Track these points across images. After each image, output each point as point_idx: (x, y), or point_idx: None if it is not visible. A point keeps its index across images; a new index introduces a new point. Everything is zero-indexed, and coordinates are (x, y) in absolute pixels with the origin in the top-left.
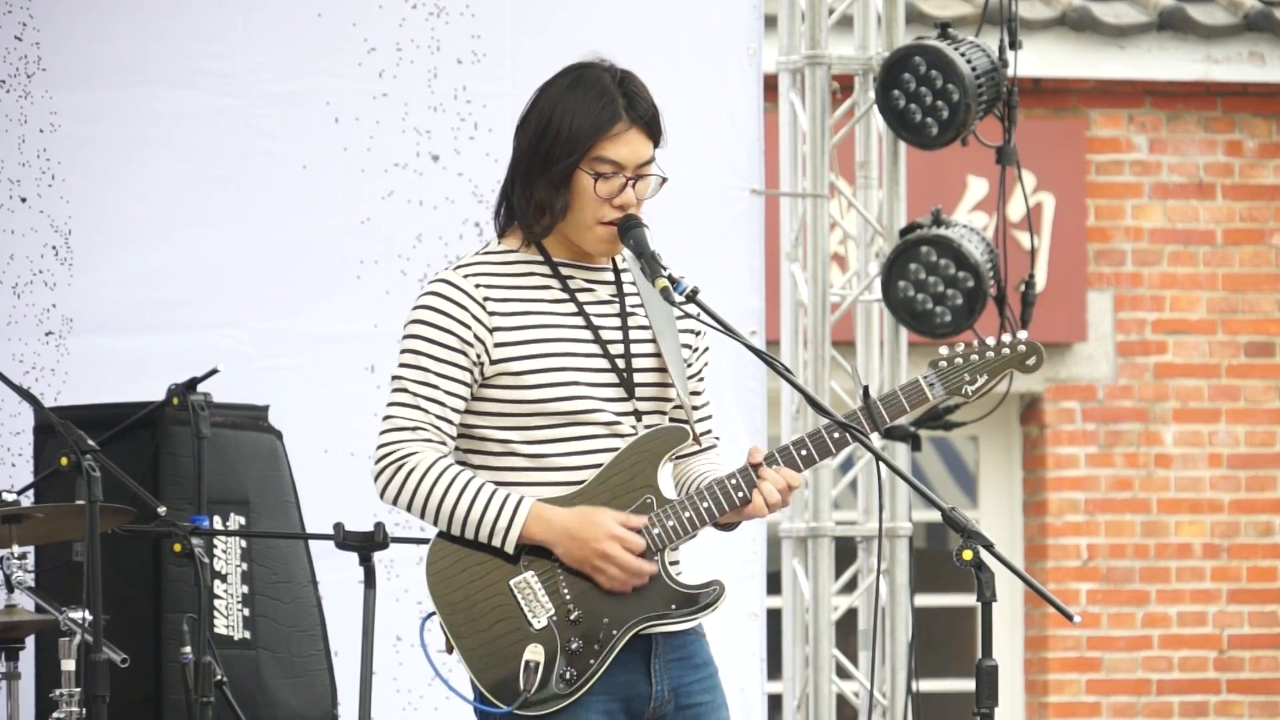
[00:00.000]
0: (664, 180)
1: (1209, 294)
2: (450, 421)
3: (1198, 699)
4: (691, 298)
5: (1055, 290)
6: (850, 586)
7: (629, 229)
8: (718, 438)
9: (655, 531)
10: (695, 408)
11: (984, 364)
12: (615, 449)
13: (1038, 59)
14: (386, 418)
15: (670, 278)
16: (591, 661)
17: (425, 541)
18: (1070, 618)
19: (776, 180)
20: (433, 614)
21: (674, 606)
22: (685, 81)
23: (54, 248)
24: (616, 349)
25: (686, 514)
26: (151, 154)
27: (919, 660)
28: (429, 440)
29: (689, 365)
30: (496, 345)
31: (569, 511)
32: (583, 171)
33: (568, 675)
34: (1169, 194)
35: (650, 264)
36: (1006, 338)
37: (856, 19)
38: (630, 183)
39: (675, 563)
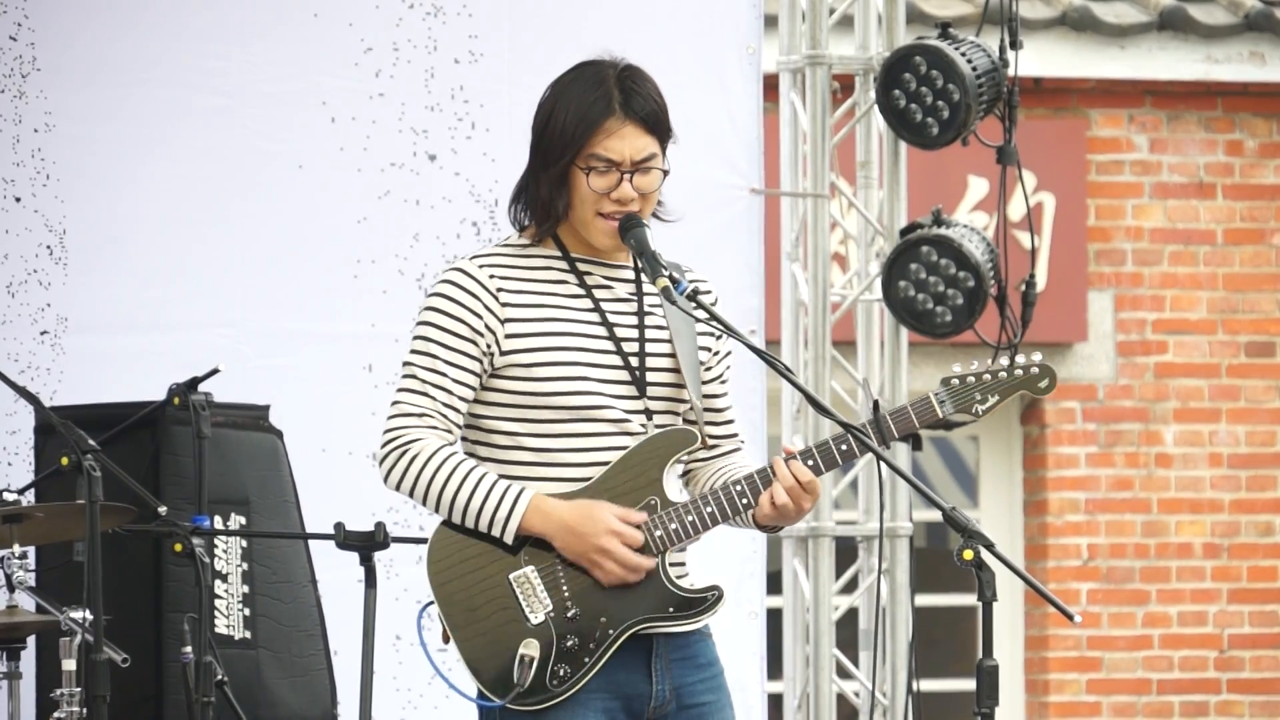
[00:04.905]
0: (665, 173)
1: (1209, 294)
2: (457, 410)
3: (1198, 699)
4: (692, 297)
5: (1056, 290)
6: (851, 586)
7: (629, 228)
8: (743, 440)
9: (657, 534)
10: (717, 410)
11: (996, 384)
12: (623, 447)
13: (1038, 59)
14: (394, 403)
15: (671, 277)
16: (586, 660)
17: (424, 541)
18: (1071, 617)
19: (777, 180)
20: (430, 603)
21: (671, 610)
22: (685, 81)
23: (48, 247)
24: (631, 347)
25: (690, 518)
26: (147, 154)
27: (919, 660)
28: (435, 428)
29: (709, 369)
30: (508, 336)
31: (569, 505)
32: (577, 168)
33: (562, 672)
34: (1169, 194)
35: (651, 264)
36: (1021, 359)
37: (857, 19)
38: (627, 177)
39: (677, 564)
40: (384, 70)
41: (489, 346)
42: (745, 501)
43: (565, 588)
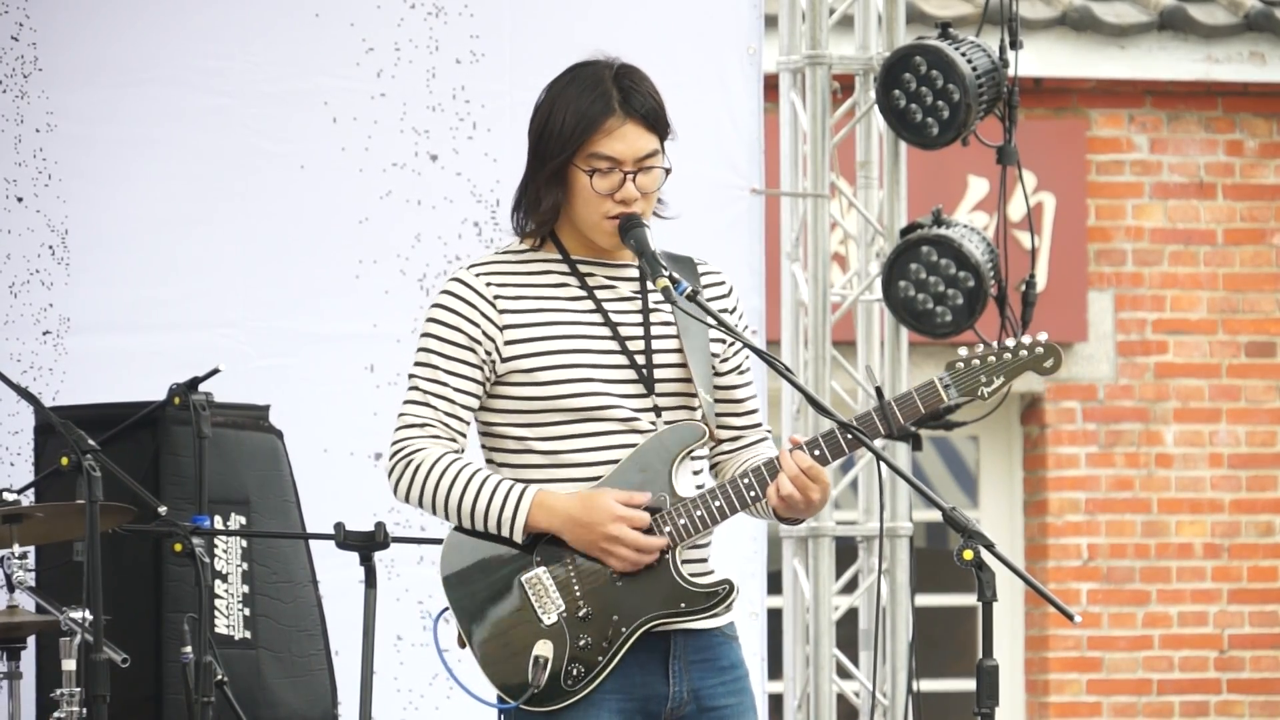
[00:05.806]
0: (668, 171)
1: (1209, 294)
2: (460, 419)
3: (1198, 699)
4: (692, 298)
5: (1056, 290)
6: (851, 586)
7: (629, 229)
8: (769, 430)
9: (666, 529)
10: (737, 400)
11: (1001, 365)
12: (633, 445)
13: (1038, 59)
14: (399, 415)
15: (671, 277)
16: (600, 659)
17: (425, 541)
18: (1071, 618)
19: (777, 180)
20: (446, 609)
21: (683, 605)
22: (685, 81)
23: (51, 247)
24: (636, 345)
25: (699, 512)
26: (148, 154)
27: (919, 660)
28: (437, 437)
29: (724, 360)
30: (507, 343)
31: (571, 497)
32: (579, 169)
33: (575, 672)
34: (1170, 194)
35: (651, 264)
36: (1026, 339)
37: (857, 19)
38: (630, 176)
39: (696, 561)
40: (385, 70)
41: (488, 354)
42: (754, 494)
43: (577, 587)
